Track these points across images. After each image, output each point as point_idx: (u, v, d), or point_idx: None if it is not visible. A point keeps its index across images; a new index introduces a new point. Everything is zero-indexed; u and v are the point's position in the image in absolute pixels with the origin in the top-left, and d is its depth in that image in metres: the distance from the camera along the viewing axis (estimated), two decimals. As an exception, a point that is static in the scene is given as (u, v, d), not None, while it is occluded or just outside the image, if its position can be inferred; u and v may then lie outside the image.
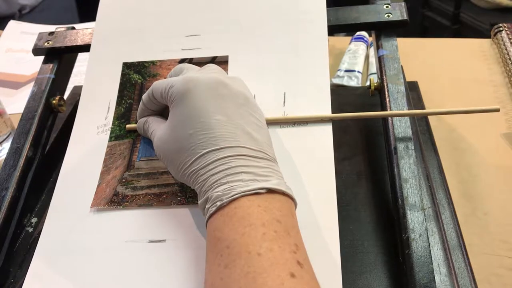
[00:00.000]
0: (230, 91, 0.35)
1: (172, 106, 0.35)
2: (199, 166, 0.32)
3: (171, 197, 0.39)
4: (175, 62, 0.47)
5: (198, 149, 0.33)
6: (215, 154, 0.32)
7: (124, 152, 0.42)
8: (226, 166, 0.31)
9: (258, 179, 0.31)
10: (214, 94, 0.34)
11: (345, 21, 0.49)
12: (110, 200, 0.39)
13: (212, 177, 0.31)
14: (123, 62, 0.48)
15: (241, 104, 0.35)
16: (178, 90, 0.35)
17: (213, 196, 0.31)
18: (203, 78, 0.35)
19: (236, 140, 0.32)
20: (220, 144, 0.32)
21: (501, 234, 0.47)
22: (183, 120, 0.34)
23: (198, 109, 0.33)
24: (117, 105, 0.45)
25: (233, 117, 0.33)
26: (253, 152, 0.32)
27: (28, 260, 0.38)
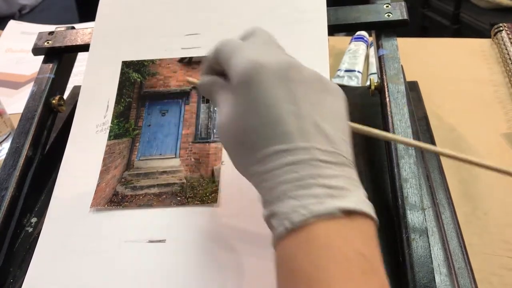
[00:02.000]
0: (303, 75, 0.30)
1: (236, 87, 0.30)
2: (264, 169, 0.28)
3: (171, 197, 0.38)
4: (175, 60, 0.47)
5: (263, 146, 0.28)
6: (283, 156, 0.27)
7: (124, 151, 0.42)
8: (296, 175, 0.27)
9: (334, 193, 0.26)
10: (284, 80, 0.29)
11: (345, 21, 0.49)
12: (110, 200, 0.39)
13: (280, 186, 0.27)
14: (122, 61, 0.48)
15: (315, 90, 0.30)
16: (242, 72, 0.29)
17: (281, 213, 0.26)
18: (271, 60, 0.30)
19: (308, 138, 0.27)
20: (289, 143, 0.27)
21: (501, 234, 0.47)
22: (247, 109, 0.29)
23: (265, 97, 0.28)
24: (116, 103, 0.45)
25: (306, 108, 0.28)
26: (327, 155, 0.27)
27: (28, 260, 0.38)
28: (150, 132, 0.43)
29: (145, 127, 0.44)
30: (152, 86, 0.46)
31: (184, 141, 0.42)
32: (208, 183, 0.39)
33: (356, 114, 0.53)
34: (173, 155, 0.41)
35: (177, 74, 0.46)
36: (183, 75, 0.46)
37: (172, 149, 0.42)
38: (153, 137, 0.43)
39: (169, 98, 0.45)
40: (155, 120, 0.44)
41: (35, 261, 0.37)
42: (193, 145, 0.42)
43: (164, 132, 0.43)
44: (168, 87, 0.46)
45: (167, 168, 0.41)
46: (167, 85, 0.46)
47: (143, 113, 0.44)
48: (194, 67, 0.47)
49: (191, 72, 0.46)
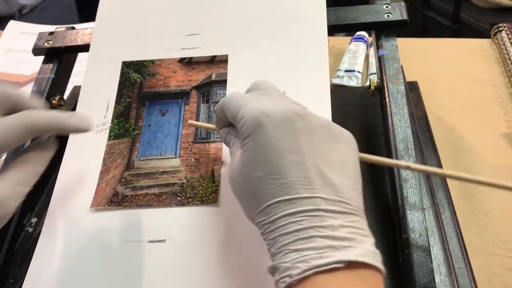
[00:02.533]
0: (309, 123, 0.29)
1: (242, 139, 0.31)
2: (267, 219, 0.28)
3: (171, 197, 0.39)
4: (175, 61, 0.47)
5: (266, 196, 0.28)
6: (285, 207, 0.27)
7: (124, 151, 0.42)
8: (297, 226, 0.26)
9: (336, 245, 0.25)
10: (289, 129, 0.29)
11: (345, 21, 0.49)
12: (110, 200, 0.39)
13: (281, 238, 0.26)
14: (123, 61, 0.48)
15: (321, 137, 0.29)
16: (248, 123, 0.30)
17: (282, 268, 0.26)
18: (276, 109, 0.30)
19: (311, 188, 0.27)
20: (292, 194, 0.27)
21: (501, 234, 0.47)
22: (252, 159, 0.29)
23: (269, 148, 0.29)
24: (116, 103, 0.45)
25: (310, 157, 0.28)
26: (331, 204, 0.27)
27: (28, 260, 0.38)
28: (150, 132, 0.43)
29: (145, 127, 0.44)
30: (152, 86, 0.46)
31: (184, 141, 0.42)
32: (208, 183, 0.39)
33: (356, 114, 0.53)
34: (173, 155, 0.41)
35: (177, 74, 0.46)
36: (183, 75, 0.46)
37: (172, 149, 0.42)
38: (153, 137, 0.43)
39: (169, 98, 0.45)
40: (155, 120, 0.44)
41: (35, 261, 0.37)
42: (193, 145, 0.42)
43: (164, 132, 0.43)
44: (168, 87, 0.46)
45: (167, 168, 0.41)
46: (167, 85, 0.46)
47: (143, 113, 0.44)
48: (194, 67, 0.47)
49: (191, 73, 0.46)
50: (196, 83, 0.46)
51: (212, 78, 0.45)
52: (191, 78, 0.46)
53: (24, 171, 0.33)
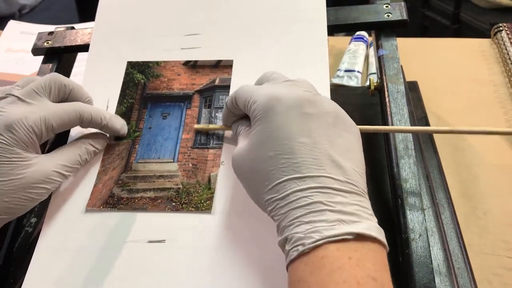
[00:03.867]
0: (317, 109, 0.31)
1: (254, 122, 0.33)
2: (277, 195, 0.29)
3: (166, 202, 0.38)
4: (179, 63, 0.47)
5: (277, 174, 0.30)
6: (296, 183, 0.29)
7: (123, 153, 0.42)
8: (308, 200, 0.28)
9: (345, 219, 0.27)
10: (299, 114, 0.31)
11: (345, 21, 0.49)
12: (106, 201, 0.39)
13: (293, 211, 0.28)
14: (128, 61, 0.48)
15: (329, 124, 0.31)
16: (260, 107, 0.32)
17: (294, 238, 0.27)
18: (287, 95, 0.32)
19: (321, 168, 0.29)
20: (303, 172, 0.29)
21: (501, 234, 0.47)
22: (264, 140, 0.31)
23: (280, 130, 0.31)
24: (119, 104, 0.45)
25: (319, 140, 0.30)
26: (340, 184, 0.29)
27: (27, 260, 0.38)
28: (150, 135, 0.43)
29: (146, 129, 0.44)
30: (155, 88, 0.46)
31: (183, 146, 0.42)
32: (204, 189, 0.39)
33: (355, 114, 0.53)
34: (171, 160, 0.41)
35: (181, 77, 0.46)
36: (187, 78, 0.46)
37: (170, 153, 0.42)
38: (152, 140, 0.43)
39: (171, 101, 0.45)
40: (156, 122, 0.44)
41: (35, 261, 0.37)
42: (192, 150, 0.41)
43: (164, 136, 0.43)
44: (171, 90, 0.46)
45: (164, 172, 0.41)
46: (170, 88, 0.46)
47: (144, 115, 0.44)
48: (198, 71, 0.46)
49: (194, 76, 0.46)
50: (199, 87, 0.45)
51: (216, 83, 0.45)
52: (194, 81, 0.46)
53: (72, 156, 0.39)
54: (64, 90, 0.39)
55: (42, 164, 0.36)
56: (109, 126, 0.41)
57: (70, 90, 0.40)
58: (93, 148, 0.40)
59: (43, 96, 0.38)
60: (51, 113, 0.37)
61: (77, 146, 0.40)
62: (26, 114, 0.36)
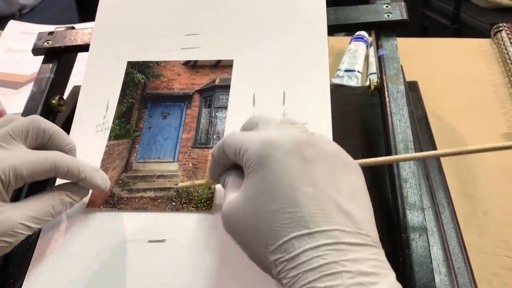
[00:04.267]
0: (317, 152, 0.29)
1: (248, 172, 0.30)
2: (286, 256, 0.26)
3: (166, 201, 0.38)
4: (180, 63, 0.47)
5: (283, 231, 0.26)
6: (305, 241, 0.26)
7: (123, 153, 0.42)
8: (321, 261, 0.25)
9: (364, 281, 0.24)
10: (299, 159, 0.28)
11: (345, 21, 0.49)
12: (106, 201, 0.39)
13: (305, 275, 0.25)
14: (128, 61, 0.48)
15: (331, 166, 0.28)
16: (254, 155, 0.29)
17: None
18: (283, 139, 0.29)
19: (329, 220, 0.26)
20: (311, 227, 0.26)
21: (501, 234, 0.47)
22: (262, 192, 0.28)
23: (280, 179, 0.27)
24: (119, 103, 0.45)
25: (323, 187, 0.27)
26: (352, 237, 0.26)
27: (27, 260, 0.38)
28: (150, 135, 0.43)
29: (146, 129, 0.44)
30: (155, 88, 0.46)
31: (184, 146, 0.42)
32: (204, 189, 0.39)
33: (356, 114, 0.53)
34: (171, 159, 0.41)
35: (181, 77, 0.46)
36: (187, 78, 0.46)
37: (171, 153, 0.42)
38: (152, 140, 0.43)
39: (171, 101, 0.45)
40: (156, 122, 0.44)
41: (35, 261, 0.37)
42: (192, 150, 0.41)
43: (164, 135, 0.43)
44: (171, 90, 0.46)
45: (164, 172, 0.41)
46: (170, 88, 0.46)
47: (144, 115, 0.44)
48: (198, 70, 0.46)
49: (194, 76, 0.46)
50: (199, 86, 0.45)
51: (216, 83, 0.45)
52: (194, 81, 0.46)
53: (43, 208, 0.34)
54: (42, 136, 0.36)
55: (8, 214, 0.32)
56: (88, 180, 0.36)
57: (50, 135, 0.36)
58: (69, 200, 0.36)
59: (19, 140, 0.35)
60: (23, 161, 0.33)
61: (52, 196, 0.35)
62: None
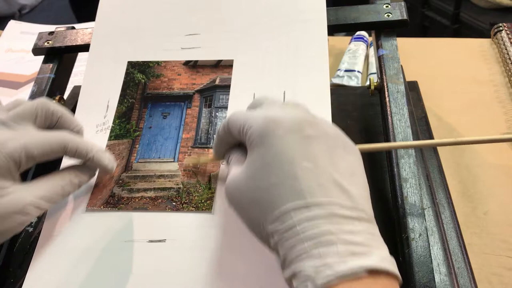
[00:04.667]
0: (318, 131, 0.30)
1: (250, 148, 0.31)
2: (283, 227, 0.27)
3: (166, 201, 0.39)
4: (180, 63, 0.47)
5: (281, 203, 0.27)
6: (302, 213, 0.27)
7: (123, 153, 0.42)
8: (316, 231, 0.26)
9: (357, 251, 0.25)
10: (300, 136, 0.29)
11: (345, 21, 0.49)
12: (106, 201, 0.39)
13: (300, 244, 0.26)
14: (128, 61, 0.48)
15: (331, 146, 0.29)
16: (257, 131, 0.30)
17: (303, 273, 0.25)
18: (286, 117, 0.30)
19: (327, 194, 0.27)
20: (308, 200, 0.27)
21: (501, 234, 0.47)
22: (263, 167, 0.29)
23: (282, 155, 0.29)
24: (119, 103, 0.45)
25: (322, 164, 0.28)
26: (347, 211, 0.27)
27: (28, 260, 0.38)
28: (151, 134, 0.43)
29: (146, 129, 0.44)
30: (156, 88, 0.46)
31: (184, 145, 0.42)
32: (205, 189, 0.39)
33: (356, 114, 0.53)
34: (171, 159, 0.41)
35: (181, 77, 0.46)
36: (187, 78, 0.46)
37: (171, 152, 0.42)
38: (153, 140, 0.43)
39: (171, 100, 0.45)
40: (156, 122, 0.44)
41: (35, 261, 0.37)
42: (192, 150, 0.42)
43: (164, 135, 0.43)
44: (171, 90, 0.46)
45: (164, 172, 0.41)
46: (170, 88, 0.46)
47: (144, 115, 0.44)
48: (199, 70, 0.46)
49: (195, 76, 0.46)
50: (199, 86, 0.46)
51: (216, 83, 0.45)
52: (195, 81, 0.46)
53: (53, 188, 0.35)
54: (51, 118, 0.37)
55: (19, 194, 0.33)
56: (95, 160, 0.37)
57: (58, 117, 0.38)
58: (78, 180, 0.37)
59: (28, 122, 0.36)
60: (33, 141, 0.34)
61: (62, 176, 0.36)
62: (6, 140, 0.34)
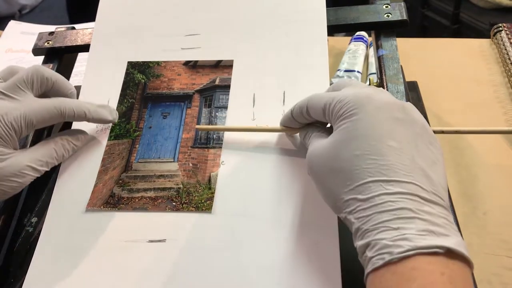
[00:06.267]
0: (407, 116, 0.30)
1: (338, 121, 0.31)
2: (361, 196, 0.27)
3: (166, 201, 0.39)
4: (180, 63, 0.47)
5: (362, 174, 0.28)
6: (383, 187, 0.27)
7: (123, 152, 0.42)
8: (396, 206, 0.26)
9: (435, 231, 0.25)
10: (389, 117, 0.30)
11: (344, 21, 0.49)
12: (106, 201, 0.39)
13: (378, 215, 0.26)
14: (128, 61, 0.48)
15: (417, 133, 0.30)
16: (349, 105, 0.30)
17: (379, 244, 0.26)
18: (377, 96, 0.31)
19: (409, 174, 0.27)
20: (390, 176, 0.27)
21: (501, 234, 0.47)
22: (349, 139, 0.29)
23: (370, 130, 0.29)
24: (119, 103, 0.45)
25: (408, 147, 0.29)
26: (427, 194, 0.27)
27: (28, 260, 0.38)
28: (151, 134, 0.43)
29: (146, 129, 0.44)
30: (156, 88, 0.46)
31: (184, 145, 0.42)
32: (204, 189, 0.39)
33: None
34: (171, 159, 0.41)
35: (181, 77, 0.46)
36: (187, 78, 0.46)
37: (171, 152, 0.42)
38: (153, 140, 0.43)
39: (171, 100, 0.45)
40: (156, 122, 0.44)
41: (35, 261, 0.37)
42: (192, 150, 0.42)
43: (164, 135, 0.43)
44: (171, 90, 0.46)
45: (164, 172, 0.41)
46: (170, 88, 0.46)
47: (144, 115, 0.44)
48: (199, 70, 0.46)
49: (195, 76, 0.46)
50: (199, 86, 0.46)
51: (216, 83, 0.45)
52: (194, 81, 0.46)
53: (48, 152, 0.39)
54: (46, 83, 0.39)
55: (17, 158, 0.36)
56: (96, 117, 0.40)
57: (53, 82, 0.40)
58: (71, 145, 0.40)
59: (26, 90, 0.38)
60: (32, 110, 0.37)
61: (54, 141, 0.39)
62: (6, 110, 0.36)
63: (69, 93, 0.41)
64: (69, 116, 0.38)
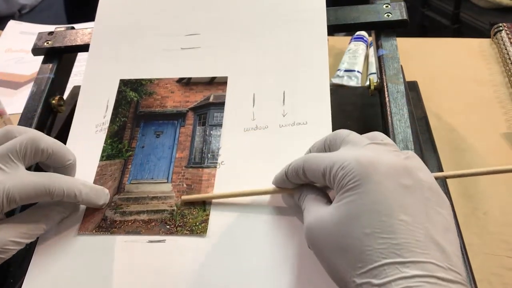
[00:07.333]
0: (414, 180, 0.28)
1: (342, 192, 0.29)
2: (376, 281, 0.25)
3: (160, 225, 0.37)
4: (173, 81, 0.46)
5: (375, 256, 0.26)
6: (399, 269, 0.25)
7: (115, 174, 0.41)
8: None
9: None
10: (397, 185, 0.28)
11: (344, 20, 0.49)
12: (98, 225, 0.38)
13: None
14: (120, 79, 0.47)
15: (426, 198, 0.28)
16: (353, 174, 0.28)
17: None
18: (382, 161, 0.28)
19: (424, 252, 0.26)
20: (405, 256, 0.25)
21: (501, 234, 0.47)
22: (357, 215, 0.27)
23: (379, 204, 0.27)
24: (111, 123, 0.44)
25: (419, 218, 0.27)
26: (444, 272, 0.25)
27: (28, 260, 0.37)
28: (143, 154, 0.42)
29: (139, 148, 0.42)
30: (148, 106, 0.45)
31: (177, 165, 0.41)
32: (199, 211, 0.38)
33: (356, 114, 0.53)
34: (165, 180, 0.40)
35: (174, 95, 0.45)
36: (181, 95, 0.45)
37: (164, 173, 0.40)
38: (145, 160, 0.41)
39: (164, 119, 0.44)
40: (149, 141, 0.42)
41: (35, 261, 0.37)
42: (186, 170, 0.40)
43: (157, 155, 0.41)
44: (164, 108, 0.44)
45: (158, 193, 0.39)
46: (163, 106, 0.44)
47: (137, 134, 0.43)
48: (192, 88, 0.45)
49: (188, 93, 0.45)
50: (193, 104, 0.44)
51: (210, 100, 0.44)
52: (188, 99, 0.45)
53: (34, 224, 0.36)
54: (41, 156, 0.36)
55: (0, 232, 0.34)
56: (85, 201, 0.37)
57: (49, 154, 0.37)
58: (60, 215, 0.38)
59: (17, 161, 0.35)
60: (17, 186, 0.34)
61: (43, 211, 0.36)
62: None
63: (66, 164, 0.38)
64: (58, 196, 0.35)
